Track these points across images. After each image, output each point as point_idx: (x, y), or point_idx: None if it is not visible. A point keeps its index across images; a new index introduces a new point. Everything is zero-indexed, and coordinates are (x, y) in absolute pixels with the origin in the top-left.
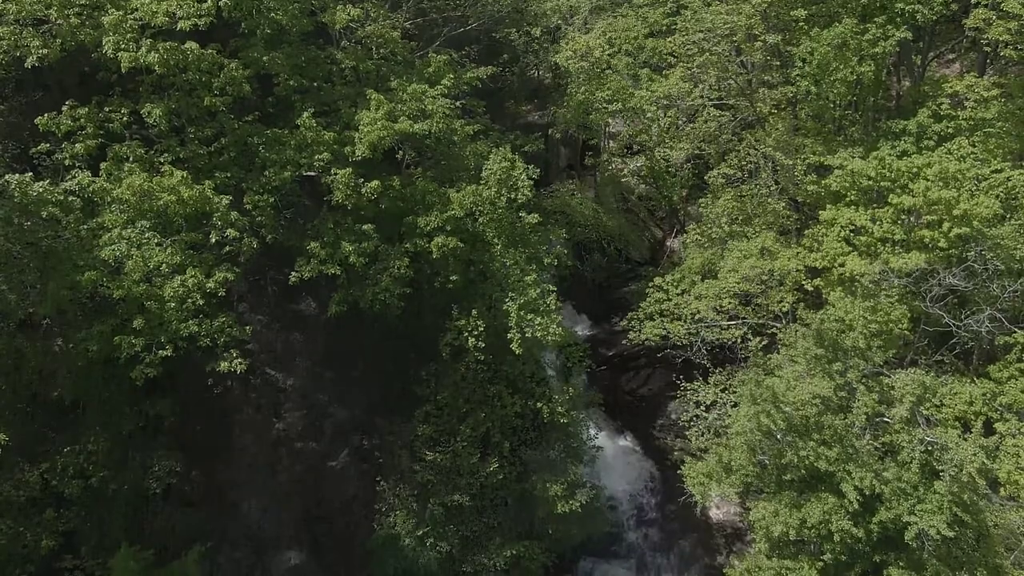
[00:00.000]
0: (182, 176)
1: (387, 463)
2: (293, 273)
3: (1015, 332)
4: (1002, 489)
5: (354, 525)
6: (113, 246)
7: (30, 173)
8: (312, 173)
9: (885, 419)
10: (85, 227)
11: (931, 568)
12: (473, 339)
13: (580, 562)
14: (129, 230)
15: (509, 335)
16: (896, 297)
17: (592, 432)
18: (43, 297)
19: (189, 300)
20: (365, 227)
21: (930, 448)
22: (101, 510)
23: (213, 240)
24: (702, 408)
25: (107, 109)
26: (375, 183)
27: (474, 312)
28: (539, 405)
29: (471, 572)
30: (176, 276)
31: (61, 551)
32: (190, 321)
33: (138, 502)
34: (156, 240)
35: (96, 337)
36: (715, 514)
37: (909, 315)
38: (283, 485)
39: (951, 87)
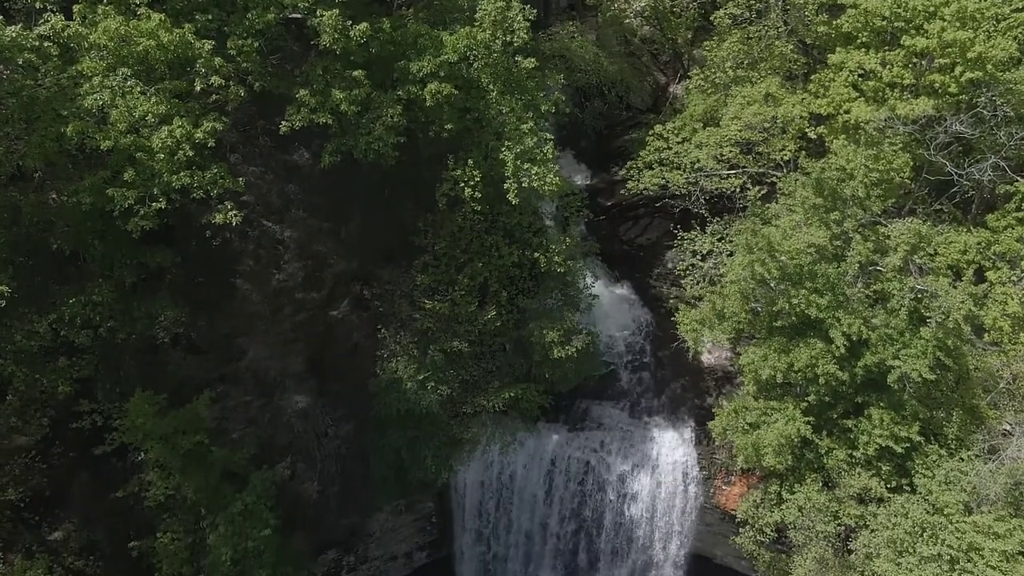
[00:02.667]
0: (160, 19)
1: (387, 312)
2: (283, 122)
3: (1017, 180)
4: (986, 335)
5: (358, 370)
6: (95, 95)
7: (0, 17)
8: (297, 15)
9: (878, 268)
10: (65, 76)
11: (910, 408)
12: (470, 189)
13: (575, 403)
14: (111, 78)
15: (506, 185)
16: (900, 145)
17: (589, 281)
18: (30, 148)
19: (180, 152)
20: (355, 73)
21: (920, 296)
22: (113, 358)
23: (198, 88)
24: (698, 257)
25: None
26: (364, 25)
27: (470, 162)
28: (536, 255)
29: (471, 413)
30: (163, 126)
31: (78, 396)
32: (182, 173)
33: (148, 351)
34: (139, 89)
35: (88, 189)
36: (706, 359)
37: (911, 163)
38: (286, 333)
39: None
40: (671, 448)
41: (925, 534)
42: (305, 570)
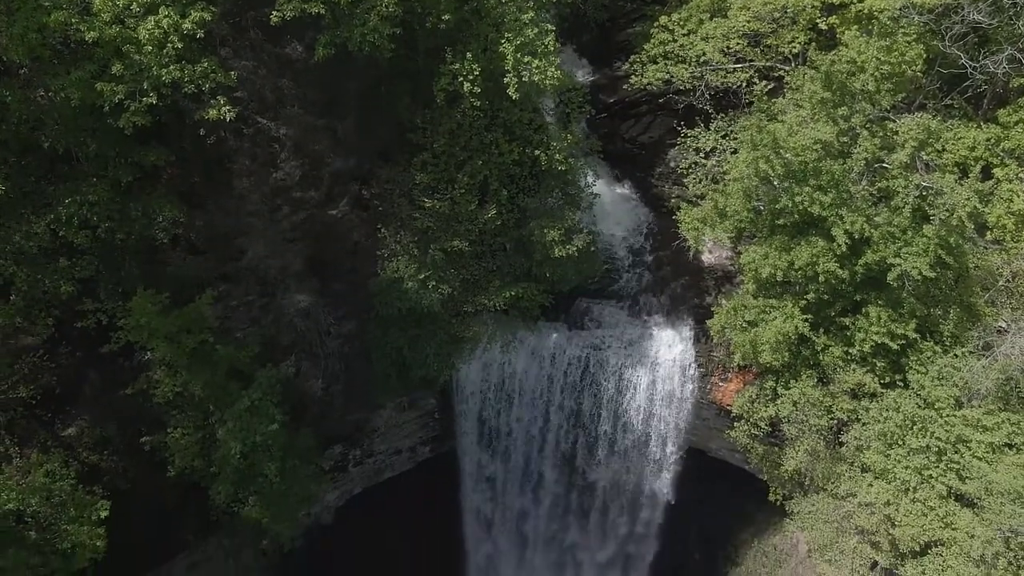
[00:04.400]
0: None
1: (387, 211)
2: (274, 13)
3: None
4: (989, 232)
5: (358, 269)
6: None
7: None
8: None
9: (884, 165)
10: None
11: (908, 306)
12: (468, 84)
13: (576, 303)
14: None
15: (506, 79)
16: (914, 36)
17: (590, 179)
18: (12, 41)
19: (168, 44)
20: None
21: (925, 193)
22: (114, 259)
23: None
24: (701, 155)
25: None
26: None
27: (469, 55)
28: (537, 152)
29: (472, 311)
30: (149, 16)
31: (81, 296)
32: (171, 66)
33: (148, 251)
34: None
35: (76, 83)
36: (707, 258)
37: (925, 56)
38: (286, 233)
39: None
40: (669, 346)
41: (915, 427)
42: (313, 464)
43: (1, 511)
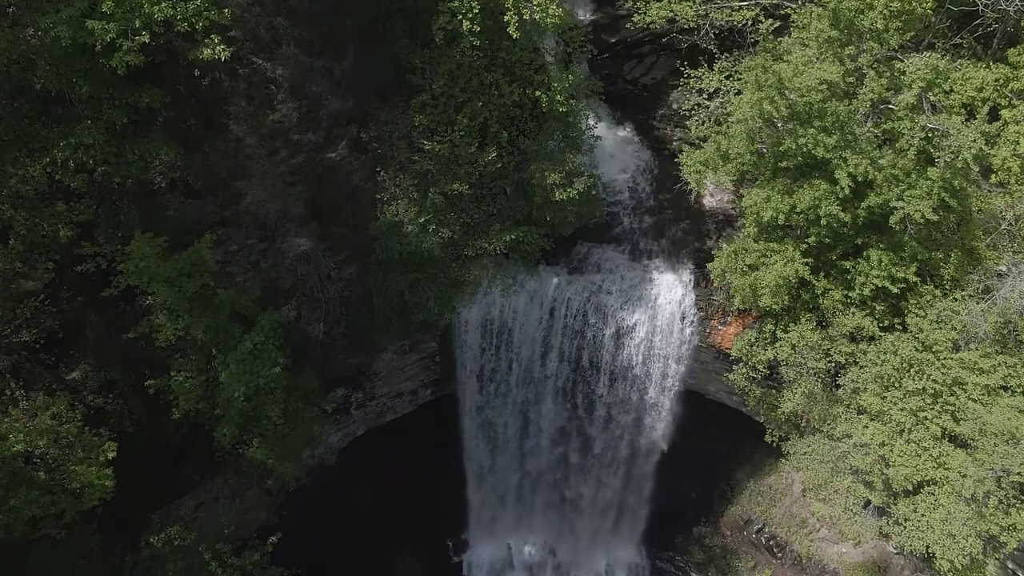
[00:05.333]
0: None
1: (385, 154)
2: None
3: None
4: (993, 175)
5: (358, 213)
6: None
7: None
8: None
9: (890, 106)
10: None
11: (909, 249)
12: (468, 22)
13: (576, 246)
14: None
15: (506, 17)
16: None
17: (591, 121)
18: None
19: None
20: None
21: (930, 135)
22: (111, 203)
23: None
24: (704, 96)
25: None
26: None
27: None
28: (538, 93)
29: (472, 255)
30: None
31: (80, 241)
32: (163, 3)
33: (146, 195)
34: None
35: (65, 21)
36: (708, 202)
37: None
38: (284, 176)
39: None
40: (670, 290)
41: (912, 370)
42: (315, 406)
43: (10, 452)
